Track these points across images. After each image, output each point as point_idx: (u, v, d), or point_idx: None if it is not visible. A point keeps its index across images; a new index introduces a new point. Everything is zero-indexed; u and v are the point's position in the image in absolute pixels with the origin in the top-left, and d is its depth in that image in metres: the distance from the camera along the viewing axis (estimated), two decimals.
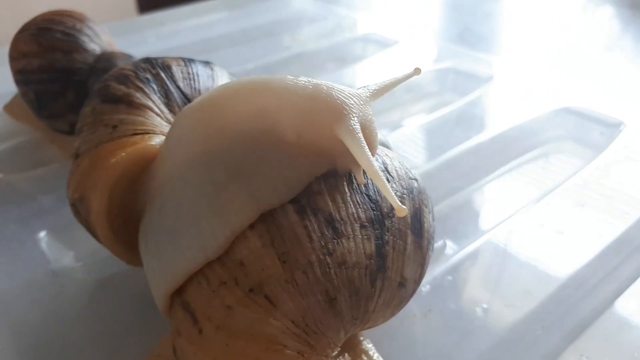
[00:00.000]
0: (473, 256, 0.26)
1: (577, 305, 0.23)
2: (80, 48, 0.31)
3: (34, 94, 0.32)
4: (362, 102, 0.17)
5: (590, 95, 0.38)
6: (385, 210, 0.17)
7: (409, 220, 0.18)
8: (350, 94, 0.17)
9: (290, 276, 0.16)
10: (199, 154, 0.18)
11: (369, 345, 0.19)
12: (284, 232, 0.16)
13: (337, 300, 0.16)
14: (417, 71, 0.19)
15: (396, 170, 0.19)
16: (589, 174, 0.31)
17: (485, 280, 0.25)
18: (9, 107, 0.36)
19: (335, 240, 0.16)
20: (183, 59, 0.24)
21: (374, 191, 0.18)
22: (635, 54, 0.50)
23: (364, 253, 0.17)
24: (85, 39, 0.32)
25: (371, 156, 0.16)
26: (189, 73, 0.24)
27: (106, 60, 0.31)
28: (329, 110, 0.17)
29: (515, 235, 0.27)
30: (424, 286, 0.24)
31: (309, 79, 0.17)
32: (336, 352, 0.17)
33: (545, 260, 0.25)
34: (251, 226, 0.16)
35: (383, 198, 0.17)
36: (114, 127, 0.21)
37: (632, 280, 0.24)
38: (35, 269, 0.26)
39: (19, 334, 0.23)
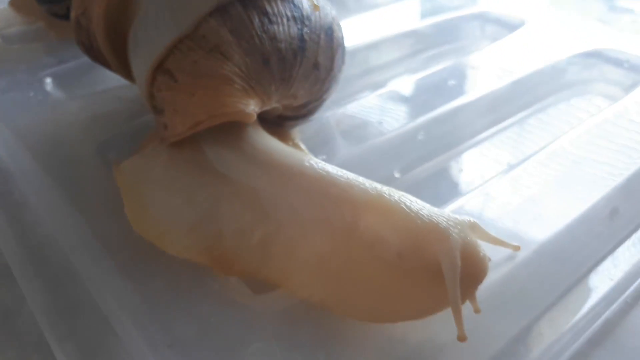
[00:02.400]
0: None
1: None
2: None
3: None
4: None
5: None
6: (304, 14, 0.25)
7: (325, 26, 0.26)
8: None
9: (238, 42, 0.23)
10: None
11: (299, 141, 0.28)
12: (233, 17, 0.24)
13: (270, 62, 0.24)
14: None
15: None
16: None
17: None
18: (14, 1, 0.45)
19: (269, 25, 0.24)
20: None
21: (298, 1, 0.25)
22: None
23: (289, 35, 0.24)
24: None
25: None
26: None
27: None
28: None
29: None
30: None
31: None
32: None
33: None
34: (210, 14, 0.23)
35: (304, 6, 0.25)
36: None
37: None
38: (38, 102, 0.34)
39: (26, 145, 0.30)
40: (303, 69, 0.25)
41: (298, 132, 0.30)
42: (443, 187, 0.29)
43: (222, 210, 0.22)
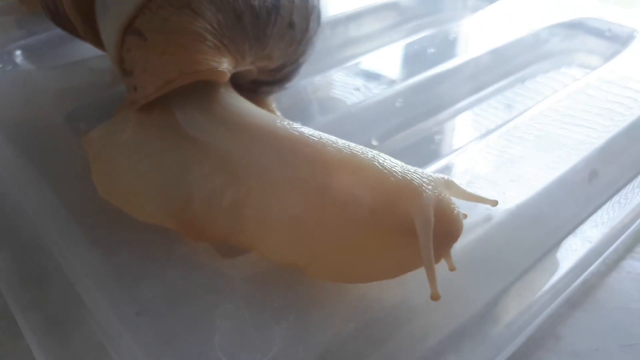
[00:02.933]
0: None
1: None
2: None
3: None
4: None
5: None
6: None
7: None
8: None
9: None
10: None
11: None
12: None
13: (243, 19, 0.23)
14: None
15: None
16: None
17: None
18: None
19: None
20: None
21: None
22: None
23: None
24: None
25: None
26: None
27: None
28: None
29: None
30: None
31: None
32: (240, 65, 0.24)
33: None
34: None
35: None
36: None
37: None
38: (8, 76, 0.33)
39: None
40: (277, 27, 0.24)
41: (273, 100, 0.29)
42: (421, 154, 0.29)
43: (191, 174, 0.21)
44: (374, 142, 0.28)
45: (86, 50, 0.31)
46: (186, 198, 0.21)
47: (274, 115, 0.22)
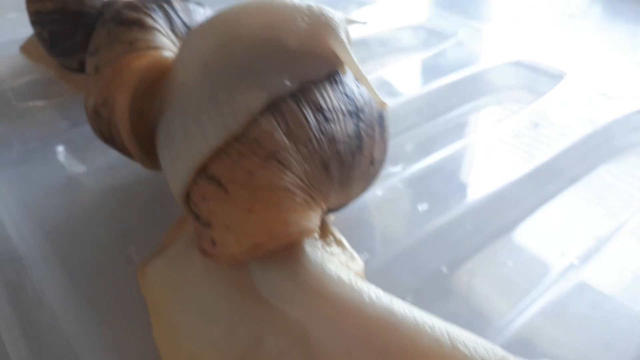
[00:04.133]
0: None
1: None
2: None
3: (48, 33, 0.36)
4: (344, 20, 0.23)
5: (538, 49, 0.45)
6: (358, 106, 0.22)
7: (376, 115, 0.23)
8: (334, 12, 0.22)
9: (295, 147, 0.20)
10: (215, 57, 0.22)
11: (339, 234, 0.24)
12: (287, 117, 0.21)
13: (330, 167, 0.21)
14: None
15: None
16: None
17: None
18: (25, 48, 0.42)
19: (326, 124, 0.21)
20: None
21: (350, 92, 0.22)
22: (599, 22, 0.56)
23: (347, 134, 0.22)
24: None
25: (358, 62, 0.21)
26: (187, 8, 0.28)
27: (111, 6, 0.34)
28: (323, 24, 0.22)
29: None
30: None
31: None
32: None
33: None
34: (261, 113, 0.21)
35: (357, 97, 0.23)
36: (131, 43, 0.25)
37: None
38: (53, 177, 0.31)
39: (43, 230, 0.27)
40: (361, 168, 0.22)
41: (332, 216, 0.27)
42: None
43: (264, 347, 0.19)
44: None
45: None
46: None
47: (361, 282, 0.20)
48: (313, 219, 0.20)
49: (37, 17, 0.36)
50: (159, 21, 0.26)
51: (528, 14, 0.56)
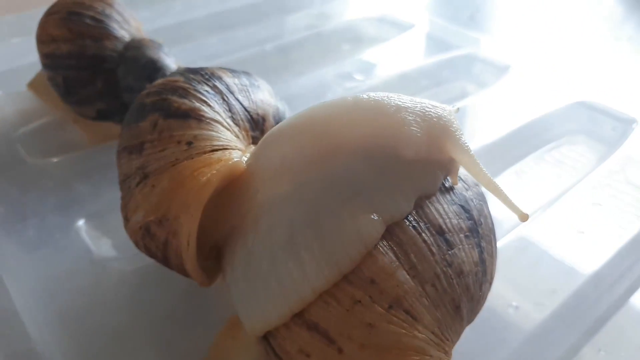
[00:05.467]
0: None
1: (597, 302, 0.24)
2: (110, 35, 0.30)
3: (62, 79, 0.31)
4: (454, 116, 0.19)
5: (602, 89, 0.39)
6: (475, 217, 0.18)
7: (491, 225, 0.19)
8: (450, 111, 0.18)
9: (423, 290, 0.16)
10: (310, 169, 0.17)
11: None
12: (407, 247, 0.16)
13: (461, 307, 0.17)
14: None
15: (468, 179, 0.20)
16: (603, 173, 0.32)
17: (511, 279, 0.25)
18: (33, 85, 0.36)
19: (450, 252, 0.17)
20: (228, 70, 0.24)
21: (464, 201, 0.18)
22: None
23: (473, 261, 0.17)
24: (115, 25, 0.31)
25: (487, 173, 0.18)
26: (241, 84, 0.23)
27: (135, 48, 0.30)
28: (442, 128, 0.18)
29: (535, 233, 0.27)
30: None
31: (411, 98, 0.18)
32: None
33: (568, 258, 0.26)
34: (374, 244, 0.16)
35: (471, 207, 0.18)
36: (189, 143, 0.20)
37: None
38: (77, 258, 0.26)
39: (65, 320, 0.23)
40: (485, 297, 0.19)
41: None
42: None
43: None
44: None
45: None
46: None
47: None
48: None
49: (49, 60, 0.31)
50: (218, 110, 0.21)
51: (566, 40, 0.50)
